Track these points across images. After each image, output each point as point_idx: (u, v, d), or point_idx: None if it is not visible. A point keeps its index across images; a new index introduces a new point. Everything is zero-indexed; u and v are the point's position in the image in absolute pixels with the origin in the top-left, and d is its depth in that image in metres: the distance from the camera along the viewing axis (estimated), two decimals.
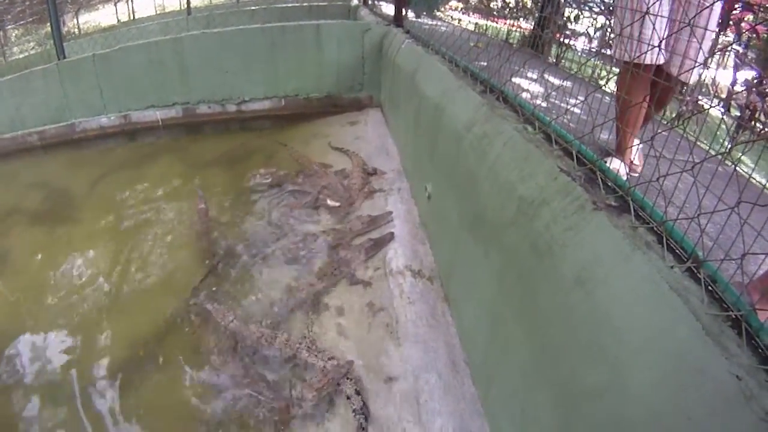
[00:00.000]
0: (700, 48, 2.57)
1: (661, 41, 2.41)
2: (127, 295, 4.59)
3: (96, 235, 5.53)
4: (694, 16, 2.23)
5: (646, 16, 2.38)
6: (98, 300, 4.52)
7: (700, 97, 4.35)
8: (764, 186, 1.76)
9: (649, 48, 2.39)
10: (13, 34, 16.28)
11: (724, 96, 5.86)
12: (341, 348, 3.86)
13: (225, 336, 3.97)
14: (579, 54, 5.75)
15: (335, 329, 4.05)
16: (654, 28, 2.37)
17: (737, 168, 1.80)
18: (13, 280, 4.87)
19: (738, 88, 5.19)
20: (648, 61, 2.56)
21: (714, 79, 5.04)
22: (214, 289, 4.57)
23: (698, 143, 2.56)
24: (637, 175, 2.82)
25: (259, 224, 5.54)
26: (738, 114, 5.30)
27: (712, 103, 3.64)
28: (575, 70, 3.62)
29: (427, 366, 3.59)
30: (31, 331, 4.20)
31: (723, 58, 5.38)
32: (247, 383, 3.59)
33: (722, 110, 4.66)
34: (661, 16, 2.44)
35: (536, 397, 2.42)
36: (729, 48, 5.00)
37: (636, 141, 2.77)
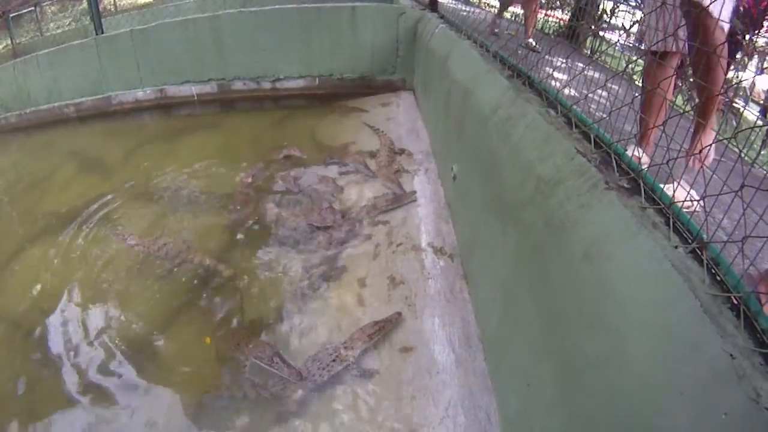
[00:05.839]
0: None
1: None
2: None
3: (127, 200, 5.81)
4: None
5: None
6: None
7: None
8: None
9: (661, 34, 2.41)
10: (50, 10, 16.61)
11: (761, 101, 5.81)
12: (360, 316, 4.00)
13: None
14: (615, 47, 5.71)
15: (356, 299, 4.19)
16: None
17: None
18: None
19: None
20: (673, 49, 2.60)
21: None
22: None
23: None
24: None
25: (289, 196, 5.75)
26: None
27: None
28: (608, 61, 3.64)
29: (441, 339, 3.70)
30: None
31: (762, 62, 5.35)
32: None
33: (758, 114, 4.63)
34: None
35: (542, 370, 2.49)
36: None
37: (711, 135, 2.64)
